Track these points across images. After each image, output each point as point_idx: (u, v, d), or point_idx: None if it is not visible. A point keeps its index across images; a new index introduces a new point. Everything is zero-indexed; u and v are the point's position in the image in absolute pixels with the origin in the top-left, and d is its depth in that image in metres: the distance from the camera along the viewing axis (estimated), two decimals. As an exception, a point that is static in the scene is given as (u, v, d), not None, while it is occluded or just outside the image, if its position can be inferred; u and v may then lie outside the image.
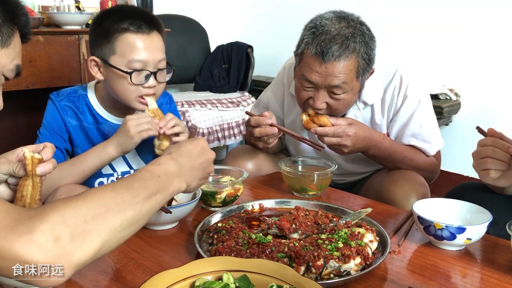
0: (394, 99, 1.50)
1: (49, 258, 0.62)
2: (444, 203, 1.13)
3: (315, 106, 1.38)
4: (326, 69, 1.31)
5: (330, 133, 1.34)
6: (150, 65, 1.33)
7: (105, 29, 1.32)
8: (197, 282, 0.76)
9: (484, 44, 2.70)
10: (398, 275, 0.93)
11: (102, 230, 0.68)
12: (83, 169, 1.33)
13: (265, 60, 3.62)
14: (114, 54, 1.31)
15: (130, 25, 1.30)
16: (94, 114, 1.46)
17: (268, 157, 1.65)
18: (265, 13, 3.79)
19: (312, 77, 1.34)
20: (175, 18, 3.35)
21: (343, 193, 1.44)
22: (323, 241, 0.96)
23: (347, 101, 1.39)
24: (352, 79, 1.34)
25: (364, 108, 1.54)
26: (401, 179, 1.43)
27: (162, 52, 1.37)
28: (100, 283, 0.90)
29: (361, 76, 1.37)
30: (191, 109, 2.90)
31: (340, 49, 1.30)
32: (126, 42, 1.30)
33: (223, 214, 1.17)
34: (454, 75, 2.84)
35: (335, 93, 1.36)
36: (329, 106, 1.39)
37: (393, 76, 1.49)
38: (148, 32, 1.33)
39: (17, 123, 2.54)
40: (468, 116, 2.80)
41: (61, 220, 0.65)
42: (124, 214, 0.71)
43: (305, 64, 1.36)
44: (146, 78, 1.34)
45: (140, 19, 1.32)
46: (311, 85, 1.37)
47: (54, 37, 2.12)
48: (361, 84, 1.40)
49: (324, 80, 1.33)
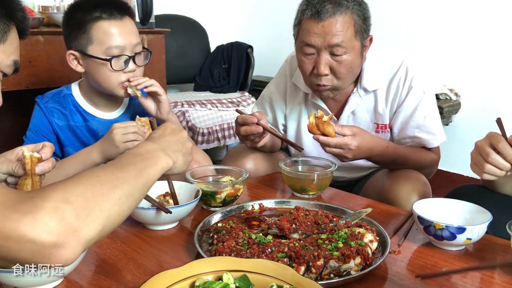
0: (399, 90, 1.51)
1: (55, 237, 0.62)
2: (444, 203, 1.13)
3: (319, 71, 1.40)
4: (324, 28, 1.35)
5: (332, 144, 1.33)
6: (128, 50, 1.36)
7: (78, 20, 1.34)
8: (197, 282, 0.76)
9: (484, 44, 2.70)
10: (398, 275, 0.93)
11: (104, 205, 0.68)
12: (67, 173, 1.31)
13: (265, 60, 3.62)
14: (92, 44, 1.33)
15: (102, 13, 1.33)
16: (81, 112, 1.46)
17: (267, 156, 1.65)
18: (265, 13, 3.79)
19: (312, 39, 1.37)
20: (175, 18, 3.34)
21: (343, 193, 1.44)
22: (323, 241, 0.96)
23: (350, 63, 1.41)
24: (351, 38, 1.37)
25: (366, 95, 1.55)
26: (403, 178, 1.44)
27: (137, 36, 1.40)
28: (100, 283, 0.89)
29: (359, 35, 1.40)
30: (191, 109, 2.90)
31: (334, 7, 1.35)
32: (101, 30, 1.33)
33: (223, 214, 1.17)
34: (454, 75, 2.84)
35: (336, 54, 1.38)
36: (333, 71, 1.41)
37: (398, 67, 1.51)
38: (121, 18, 1.35)
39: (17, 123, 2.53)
40: (468, 116, 2.80)
41: (63, 198, 0.64)
42: (120, 188, 0.72)
43: (304, 30, 1.40)
44: (125, 63, 1.37)
45: (111, 6, 1.34)
46: (312, 51, 1.40)
47: (54, 37, 2.12)
48: (361, 45, 1.42)
49: (323, 40, 1.36)
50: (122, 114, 1.53)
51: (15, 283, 0.83)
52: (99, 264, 0.97)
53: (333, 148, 1.34)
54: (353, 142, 1.33)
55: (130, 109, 1.55)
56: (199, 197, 1.17)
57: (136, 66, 1.39)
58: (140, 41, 1.41)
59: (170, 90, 3.50)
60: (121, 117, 1.52)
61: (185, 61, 3.37)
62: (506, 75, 2.64)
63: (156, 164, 0.81)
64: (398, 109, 1.53)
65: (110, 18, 1.33)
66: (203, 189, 1.22)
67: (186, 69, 3.41)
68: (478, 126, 2.55)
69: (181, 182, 1.26)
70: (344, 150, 1.34)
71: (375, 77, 1.53)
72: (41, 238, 0.61)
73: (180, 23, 3.36)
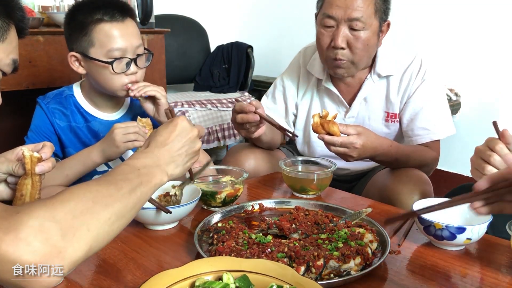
0: (412, 81, 1.56)
1: (39, 258, 0.59)
2: (444, 203, 1.13)
3: (336, 43, 1.45)
4: (346, 1, 1.42)
5: (338, 144, 1.33)
6: (129, 52, 1.35)
7: (80, 22, 1.33)
8: (197, 282, 0.76)
9: (484, 44, 2.70)
10: (398, 275, 0.93)
11: (92, 224, 0.66)
12: (67, 173, 1.32)
13: (265, 60, 3.62)
14: (93, 46, 1.33)
15: (104, 15, 1.32)
16: (82, 113, 1.46)
17: (267, 156, 1.65)
18: (265, 13, 3.79)
19: (333, 11, 1.44)
20: (175, 18, 3.34)
21: (343, 193, 1.44)
22: (323, 241, 0.96)
23: (366, 40, 1.46)
24: (370, 15, 1.44)
25: (380, 81, 1.59)
26: (405, 177, 1.45)
27: (139, 38, 1.39)
28: (100, 283, 0.89)
29: (379, 15, 1.47)
30: (191, 109, 2.90)
31: None
32: (103, 32, 1.32)
33: (223, 214, 1.17)
34: (454, 75, 2.84)
35: (354, 29, 1.44)
36: (350, 45, 1.46)
37: (413, 59, 1.58)
38: (122, 20, 1.34)
39: (17, 123, 2.53)
40: (468, 116, 2.79)
41: (50, 216, 0.62)
42: (112, 207, 0.70)
43: (327, 3, 1.47)
44: (127, 65, 1.36)
45: (113, 8, 1.33)
46: (332, 23, 1.46)
47: (54, 37, 2.12)
48: (379, 25, 1.48)
49: (344, 13, 1.42)
50: (124, 115, 1.53)
51: (15, 283, 0.83)
52: (99, 264, 0.97)
53: (338, 147, 1.34)
54: (358, 141, 1.34)
55: (131, 110, 1.55)
56: (199, 197, 1.17)
57: (137, 68, 1.39)
58: (141, 43, 1.41)
59: (170, 90, 3.49)
60: (123, 118, 1.52)
61: (185, 61, 3.37)
62: (506, 75, 2.64)
63: (151, 181, 0.80)
64: (408, 100, 1.56)
65: (112, 21, 1.33)
66: (203, 189, 1.22)
67: (186, 69, 3.41)
68: (478, 126, 2.55)
69: (181, 182, 1.26)
70: (349, 149, 1.34)
71: (389, 63, 1.58)
72: (23, 260, 0.58)
73: (180, 23, 3.36)
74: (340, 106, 1.65)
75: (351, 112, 1.63)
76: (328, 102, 1.66)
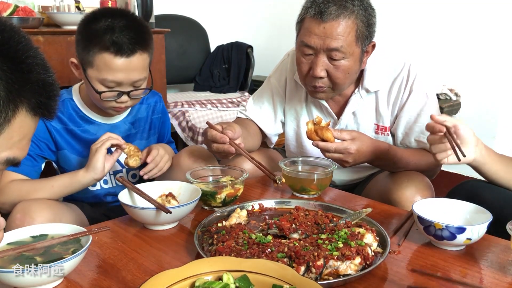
0: (401, 92, 1.50)
1: None
2: (444, 203, 1.13)
3: (315, 73, 1.38)
4: (325, 30, 1.33)
5: (332, 150, 1.32)
6: (124, 85, 1.32)
7: (89, 36, 1.30)
8: (197, 282, 0.76)
9: (484, 45, 2.70)
10: (398, 275, 0.93)
11: None
12: (52, 184, 1.31)
13: (265, 60, 3.62)
14: (91, 67, 1.30)
15: (112, 45, 1.26)
16: (81, 117, 1.46)
17: (267, 156, 1.64)
18: (265, 13, 3.79)
19: (311, 40, 1.35)
20: (175, 18, 3.34)
21: (343, 193, 1.44)
22: (323, 241, 0.96)
23: (347, 69, 1.38)
24: (351, 43, 1.35)
25: (368, 96, 1.54)
26: (406, 180, 1.41)
27: (142, 73, 1.34)
28: (100, 283, 0.89)
29: (360, 42, 1.37)
30: (191, 109, 2.90)
31: (339, 9, 1.33)
32: (104, 61, 1.28)
33: (223, 214, 1.17)
34: (454, 75, 2.84)
35: (334, 59, 1.36)
36: (329, 74, 1.39)
37: (401, 69, 1.50)
38: (129, 54, 1.29)
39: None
40: (468, 116, 2.79)
41: None
42: None
43: (305, 30, 1.38)
44: (118, 94, 1.33)
45: (124, 34, 1.27)
46: (310, 52, 1.38)
47: (54, 37, 2.12)
48: (361, 51, 1.40)
49: (323, 42, 1.34)
50: (123, 119, 1.52)
51: (15, 283, 0.83)
52: (99, 264, 0.97)
53: (333, 153, 1.33)
54: (352, 146, 1.32)
55: (130, 115, 1.54)
56: (199, 197, 1.17)
57: (129, 99, 1.35)
58: (145, 76, 1.36)
59: (170, 90, 3.49)
60: (121, 122, 1.51)
61: (185, 61, 3.37)
62: (506, 75, 2.64)
63: None
64: (399, 112, 1.51)
65: (117, 54, 1.27)
66: (203, 189, 1.22)
67: (186, 69, 3.41)
68: (478, 126, 2.54)
69: (181, 182, 1.26)
70: (344, 154, 1.33)
71: (377, 78, 1.51)
72: None
73: (180, 23, 3.36)
74: (328, 118, 1.61)
75: (340, 125, 1.59)
76: (316, 113, 1.62)
